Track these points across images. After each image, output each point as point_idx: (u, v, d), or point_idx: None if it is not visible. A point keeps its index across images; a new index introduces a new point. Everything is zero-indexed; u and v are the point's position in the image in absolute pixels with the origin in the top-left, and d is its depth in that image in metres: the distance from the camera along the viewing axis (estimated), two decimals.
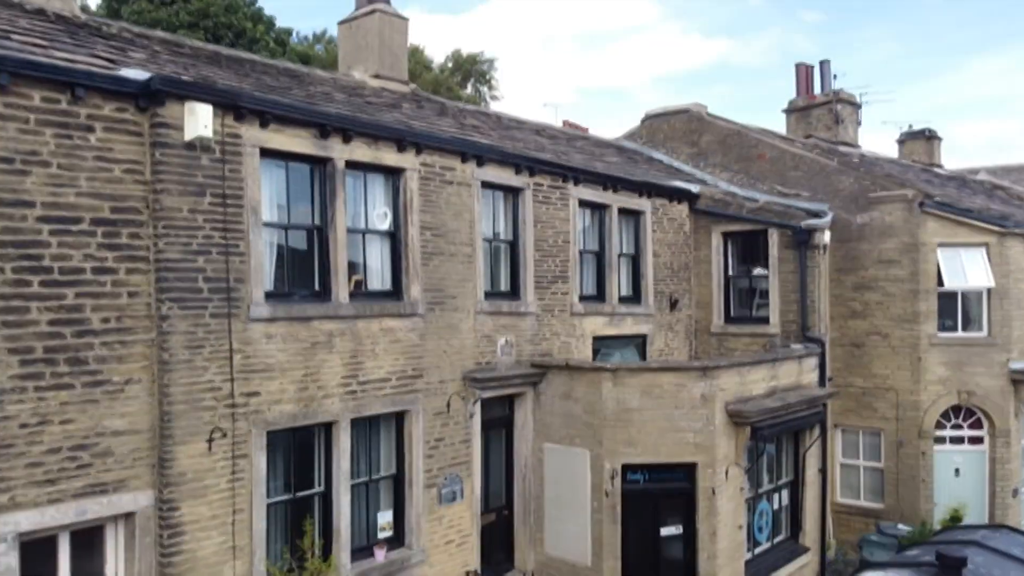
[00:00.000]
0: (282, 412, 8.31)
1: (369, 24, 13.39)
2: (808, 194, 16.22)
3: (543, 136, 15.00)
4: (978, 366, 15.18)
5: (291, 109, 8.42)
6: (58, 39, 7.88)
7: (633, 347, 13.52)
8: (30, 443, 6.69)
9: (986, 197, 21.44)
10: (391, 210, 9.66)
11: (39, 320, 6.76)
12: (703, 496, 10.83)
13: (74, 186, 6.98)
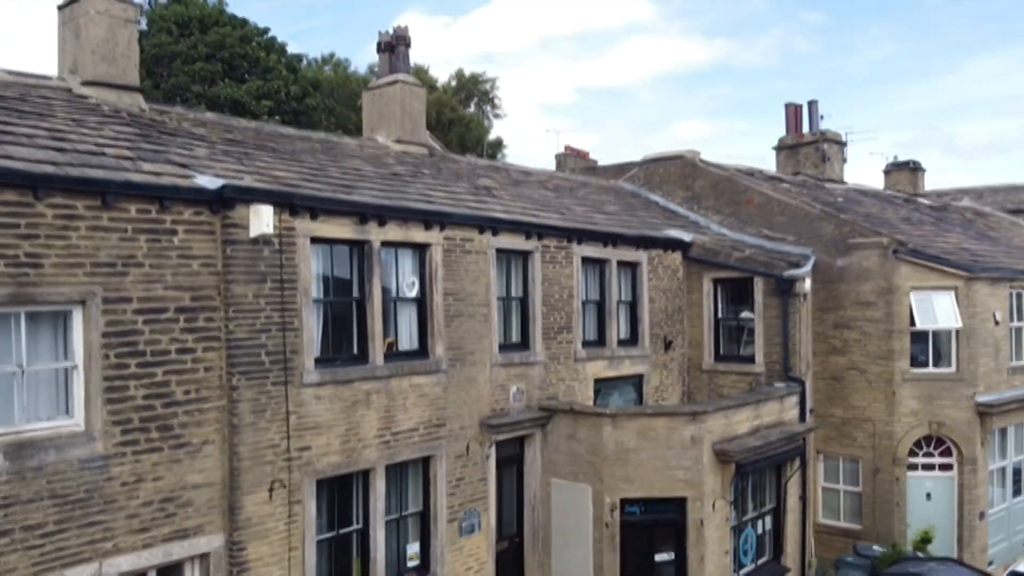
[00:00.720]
0: (329, 463, 9.69)
1: (392, 93, 14.78)
2: (793, 238, 17.62)
3: (548, 188, 16.38)
4: (947, 399, 16.57)
5: (336, 203, 9.80)
6: (139, 146, 9.25)
7: (631, 386, 14.92)
8: (129, 498, 8.07)
9: (963, 230, 22.85)
10: (418, 279, 11.05)
11: (136, 395, 8.14)
12: (693, 526, 12.21)
13: (161, 281, 8.36)
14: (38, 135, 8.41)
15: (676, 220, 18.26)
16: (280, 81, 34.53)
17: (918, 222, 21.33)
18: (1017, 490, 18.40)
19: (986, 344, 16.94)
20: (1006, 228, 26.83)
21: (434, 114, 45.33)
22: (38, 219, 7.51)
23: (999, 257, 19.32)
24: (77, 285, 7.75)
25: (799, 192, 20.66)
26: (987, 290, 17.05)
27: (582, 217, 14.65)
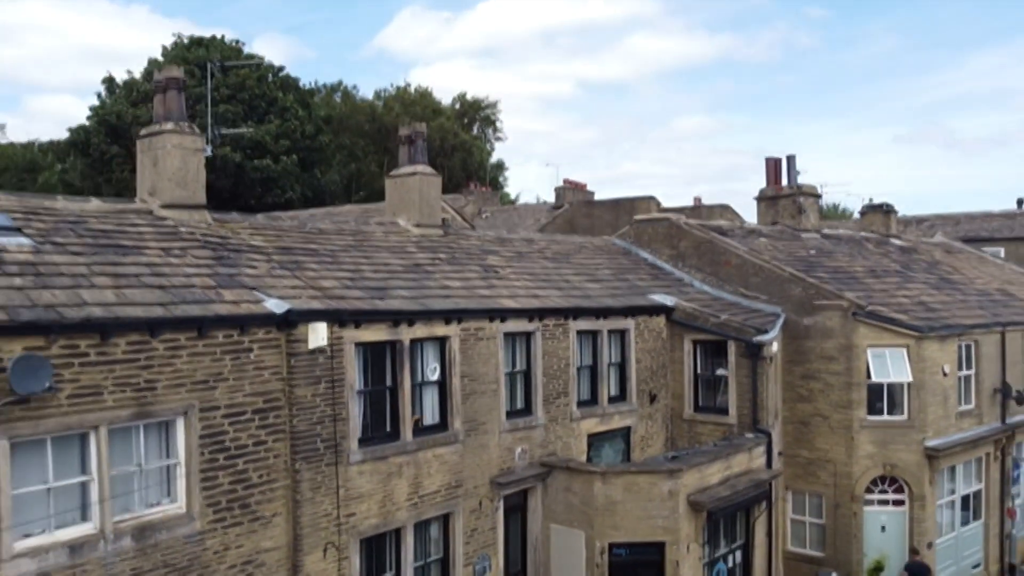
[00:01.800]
0: (369, 524, 11.93)
1: (411, 183, 16.96)
2: (766, 297, 19.85)
3: (547, 258, 18.55)
4: (900, 444, 18.83)
5: (375, 313, 12.02)
6: (217, 271, 11.45)
7: (620, 438, 17.15)
8: (219, 563, 10.31)
9: (927, 276, 24.97)
10: (439, 365, 13.27)
11: (223, 482, 10.37)
12: (670, 566, 14.45)
13: (241, 389, 10.58)
14: (143, 273, 10.61)
15: (662, 278, 20.49)
16: (296, 121, 36.77)
17: (883, 272, 23.48)
18: (965, 520, 20.64)
19: (935, 394, 19.18)
20: (972, 266, 29.01)
21: (438, 140, 47.71)
22: (153, 352, 9.72)
23: (954, 310, 21.49)
24: (180, 400, 9.97)
25: (775, 245, 22.87)
26: (937, 346, 19.27)
27: (578, 292, 16.84)
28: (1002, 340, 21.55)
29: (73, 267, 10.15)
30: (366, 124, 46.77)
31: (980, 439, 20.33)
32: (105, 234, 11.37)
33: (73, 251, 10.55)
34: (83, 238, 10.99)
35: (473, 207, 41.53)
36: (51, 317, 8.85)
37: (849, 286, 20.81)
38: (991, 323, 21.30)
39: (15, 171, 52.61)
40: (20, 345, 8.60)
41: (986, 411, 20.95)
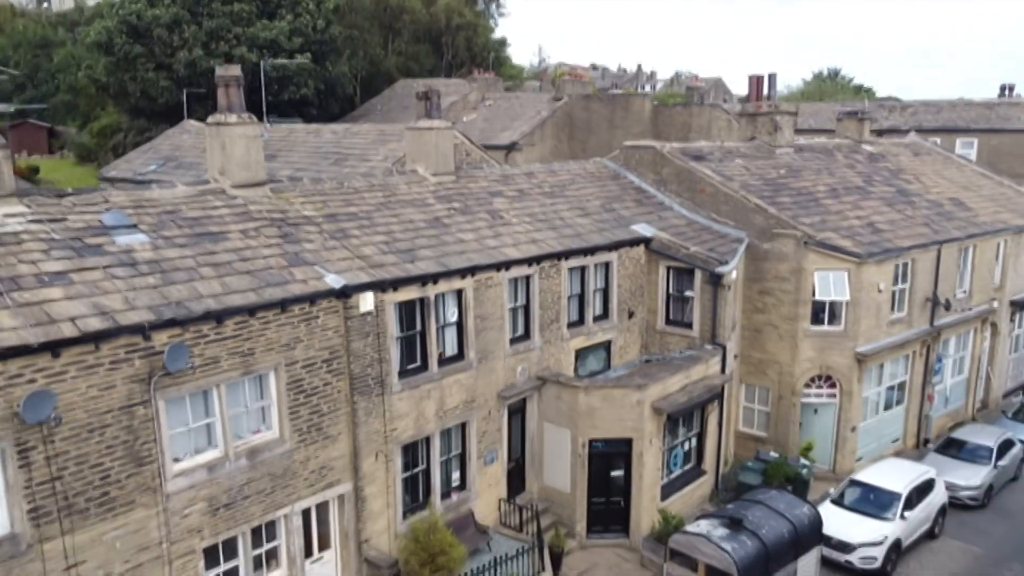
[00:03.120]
0: (407, 435, 15.93)
1: (428, 136, 19.75)
2: (733, 223, 23.07)
3: (545, 193, 21.54)
4: (835, 350, 22.70)
5: (408, 279, 15.39)
6: (285, 249, 14.72)
7: (602, 348, 20.96)
8: (303, 469, 14.32)
9: (885, 187, 27.92)
10: (457, 310, 16.80)
11: (303, 413, 14.17)
12: (636, 456, 18.66)
13: (312, 347, 14.17)
14: (233, 260, 13.91)
15: (646, 203, 23.61)
16: (307, 16, 38.17)
17: (844, 191, 26.44)
18: (888, 404, 24.90)
19: (869, 308, 22.84)
20: (935, 171, 31.84)
21: (444, 20, 48.79)
22: (251, 327, 13.23)
23: (898, 230, 24.66)
24: (271, 359, 13.59)
25: (749, 166, 25.70)
26: (875, 269, 22.71)
27: (570, 231, 20.03)
28: (937, 256, 24.92)
29: (184, 260, 13.45)
30: (371, 5, 47.59)
31: (907, 342, 24.22)
32: (197, 222, 14.56)
33: (179, 243, 13.80)
34: (182, 229, 14.20)
35: (477, 94, 43.49)
36: (183, 313, 12.28)
37: (808, 210, 23.94)
38: (928, 243, 24.57)
39: (28, 47, 53.77)
40: (166, 335, 12.10)
41: (916, 317, 24.69)
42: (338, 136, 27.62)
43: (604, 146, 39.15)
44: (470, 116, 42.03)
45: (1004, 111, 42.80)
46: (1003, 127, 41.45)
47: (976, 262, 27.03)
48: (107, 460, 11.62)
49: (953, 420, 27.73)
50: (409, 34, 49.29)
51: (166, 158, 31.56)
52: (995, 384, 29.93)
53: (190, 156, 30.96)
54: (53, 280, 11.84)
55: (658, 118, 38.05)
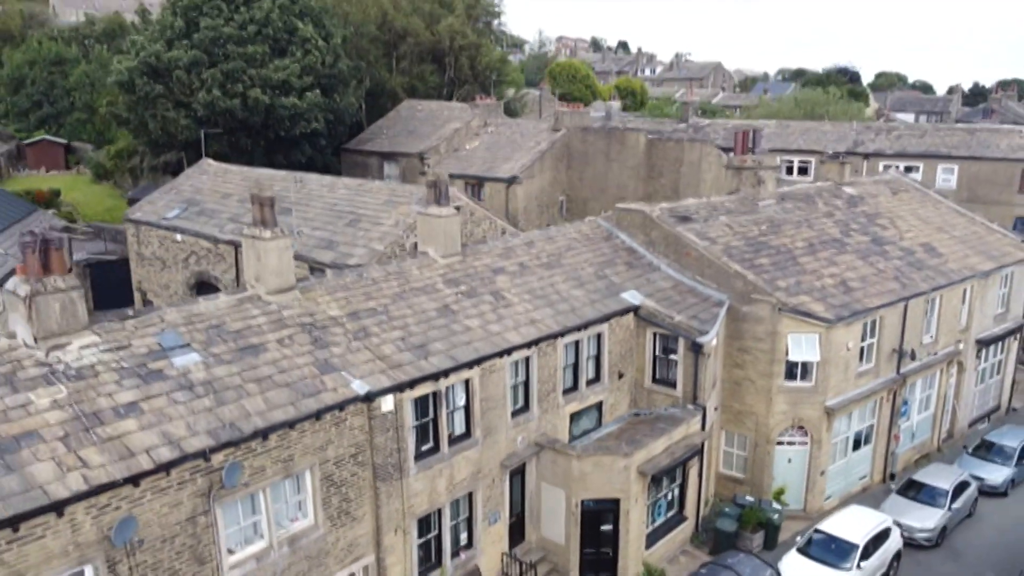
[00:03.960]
0: (421, 509, 18.28)
1: (437, 223, 21.84)
2: (715, 286, 25.22)
3: (543, 264, 23.66)
4: (807, 403, 25.01)
5: (423, 378, 17.62)
6: (316, 355, 16.93)
7: (594, 410, 23.25)
8: (335, 548, 16.68)
9: (861, 236, 29.99)
10: (465, 396, 19.06)
11: (334, 502, 16.50)
12: (623, 513, 21.05)
13: (342, 445, 16.43)
14: (273, 373, 16.12)
15: (636, 264, 25.76)
16: (316, 52, 39.96)
17: (821, 244, 28.53)
18: (856, 446, 27.26)
19: (838, 366, 25.10)
20: (912, 211, 33.87)
21: (447, 40, 50.45)
22: (291, 437, 15.50)
23: (869, 288, 26.78)
24: (307, 461, 15.88)
25: (733, 223, 27.74)
26: (844, 330, 24.92)
27: (566, 306, 22.19)
28: (904, 310, 27.12)
29: (231, 377, 15.67)
30: (376, 29, 49.18)
31: (874, 391, 26.51)
32: (239, 334, 16.76)
33: (226, 359, 16.02)
34: (228, 343, 16.41)
35: (479, 120, 45.29)
36: (236, 435, 14.54)
37: (785, 271, 26.07)
38: (897, 299, 26.74)
39: (43, 64, 55.35)
40: (222, 454, 14.37)
41: (883, 367, 26.96)
42: (351, 192, 29.64)
43: (600, 177, 41.19)
44: (472, 144, 43.91)
45: (984, 137, 44.69)
46: (982, 155, 43.38)
47: (943, 309, 29.22)
48: (176, 563, 13.97)
49: (920, 453, 30.17)
50: (413, 55, 50.91)
51: (188, 202, 33.58)
52: (960, 416, 32.30)
53: (211, 201, 32.99)
54: (127, 412, 14.07)
55: (652, 151, 39.95)
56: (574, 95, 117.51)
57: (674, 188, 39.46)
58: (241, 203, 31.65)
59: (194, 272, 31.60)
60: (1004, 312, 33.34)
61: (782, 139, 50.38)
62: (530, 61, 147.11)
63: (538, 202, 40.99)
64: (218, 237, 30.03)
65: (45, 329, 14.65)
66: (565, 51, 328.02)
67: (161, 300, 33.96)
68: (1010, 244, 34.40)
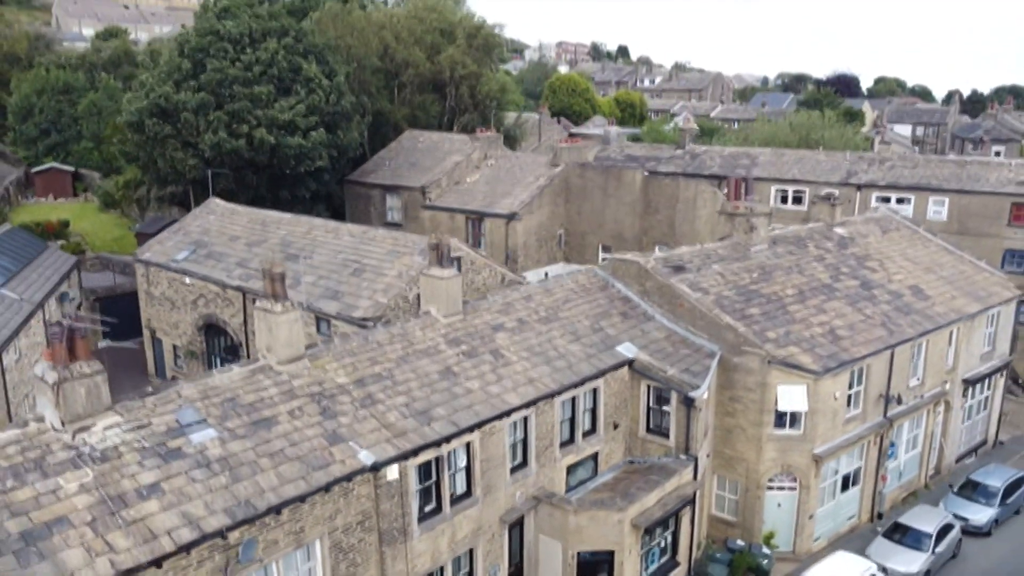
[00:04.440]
0: (425, 569, 19.21)
1: (440, 284, 22.77)
2: (707, 336, 26.15)
3: (541, 318, 24.58)
4: (795, 451, 25.93)
5: (425, 445, 18.56)
6: (324, 426, 17.86)
7: (590, 460, 24.18)
8: None
9: (850, 280, 30.88)
10: (466, 458, 19.99)
11: (342, 567, 17.43)
12: (617, 564, 21.98)
13: (350, 514, 17.36)
14: (285, 447, 17.05)
15: (631, 314, 26.68)
16: (320, 91, 40.89)
17: (811, 291, 29.44)
18: (844, 488, 28.18)
19: (826, 415, 26.02)
20: (901, 251, 34.78)
21: (447, 71, 51.46)
22: (302, 509, 16.43)
23: (856, 335, 27.69)
24: (318, 531, 16.81)
25: (725, 271, 28.65)
26: (831, 381, 25.84)
27: (563, 363, 23.12)
28: (891, 357, 28.04)
29: (246, 452, 16.60)
30: (378, 60, 50.14)
31: (861, 437, 27.43)
32: (253, 407, 17.69)
33: (240, 434, 16.96)
34: (242, 417, 17.35)
35: (479, 153, 46.21)
36: (251, 512, 15.48)
37: (775, 321, 26.98)
38: (883, 347, 27.65)
39: (51, 93, 56.34)
40: (239, 531, 15.30)
41: (870, 412, 27.88)
42: (356, 240, 30.57)
43: (598, 212, 42.14)
44: (473, 177, 44.86)
45: (974, 170, 45.58)
46: (972, 188, 44.26)
47: (929, 353, 30.14)
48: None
49: (907, 491, 31.10)
50: (414, 85, 51.87)
51: (196, 243, 34.53)
52: (948, 452, 33.23)
53: (219, 243, 33.92)
54: (150, 493, 15.01)
55: (648, 188, 40.89)
56: (574, 108, 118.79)
57: (670, 224, 40.40)
58: (248, 247, 32.60)
59: (203, 314, 32.54)
60: (991, 350, 34.26)
61: (777, 168, 51.27)
62: (530, 71, 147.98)
63: (537, 237, 41.92)
64: (226, 282, 30.97)
65: (71, 413, 15.58)
66: (565, 56, 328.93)
67: (170, 339, 34.92)
68: (997, 283, 35.31)
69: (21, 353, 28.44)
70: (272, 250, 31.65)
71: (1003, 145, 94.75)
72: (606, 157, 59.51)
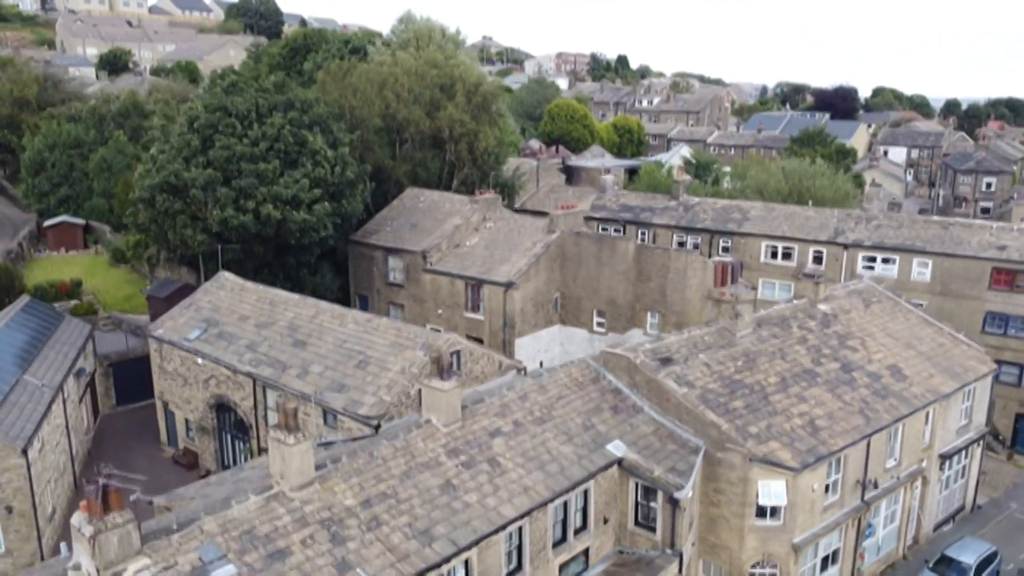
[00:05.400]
0: None
1: (440, 395, 24.30)
2: (693, 431, 27.71)
3: (535, 419, 26.14)
4: (775, 541, 27.49)
5: (428, 568, 20.10)
6: (335, 553, 19.42)
7: (582, 555, 25.73)
8: None
9: (832, 363, 32.43)
10: (464, 571, 21.52)
11: None
12: None
13: None
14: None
15: (622, 408, 28.25)
16: (325, 164, 42.49)
17: (792, 379, 30.98)
18: (824, 567, 29.73)
19: (804, 507, 27.60)
20: (882, 325, 36.31)
21: (447, 129, 53.15)
22: None
23: (835, 425, 29.25)
24: None
25: (710, 361, 30.19)
26: (810, 474, 27.40)
27: (555, 467, 24.68)
28: (868, 445, 29.59)
29: None
30: (380, 121, 51.79)
31: (839, 523, 28.99)
32: (268, 539, 19.25)
33: (258, 568, 18.52)
34: (258, 550, 18.91)
35: (479, 216, 47.79)
36: None
37: (757, 414, 28.53)
38: (860, 438, 29.20)
39: (62, 147, 57.99)
40: None
41: (848, 498, 29.43)
42: (360, 329, 32.12)
43: (593, 279, 43.72)
44: (472, 240, 46.44)
45: (957, 233, 47.15)
46: (955, 251, 45.85)
47: (906, 434, 31.70)
48: None
49: (886, 563, 32.66)
50: (415, 142, 53.48)
51: (207, 321, 36.10)
52: (926, 523, 34.79)
53: (229, 322, 35.48)
54: None
55: (641, 257, 42.46)
56: (572, 135, 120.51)
57: (661, 292, 41.97)
58: (258, 329, 34.18)
59: (214, 394, 34.13)
60: (967, 423, 35.82)
61: (767, 224, 52.88)
62: (529, 92, 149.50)
63: (534, 302, 43.50)
64: (237, 368, 32.54)
65: (106, 560, 17.14)
66: (565, 67, 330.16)
67: (183, 412, 36.50)
68: (974, 357, 36.88)
69: (44, 442, 30.01)
70: (281, 333, 33.22)
71: (994, 177, 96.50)
72: (603, 206, 61.22)
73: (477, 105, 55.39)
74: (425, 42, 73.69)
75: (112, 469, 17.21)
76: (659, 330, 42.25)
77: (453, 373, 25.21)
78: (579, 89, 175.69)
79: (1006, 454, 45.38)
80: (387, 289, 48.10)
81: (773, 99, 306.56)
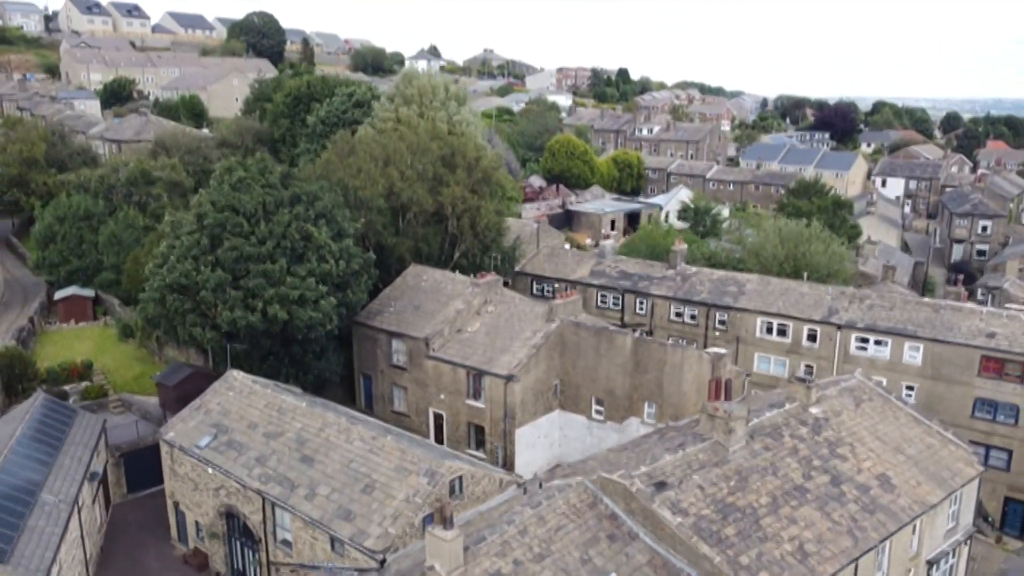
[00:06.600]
0: None
1: (443, 544, 25.41)
2: (687, 561, 28.77)
3: (535, 556, 27.23)
4: None
5: None
6: None
7: None
8: None
9: (822, 475, 33.52)
10: None
11: None
12: None
13: None
14: None
15: (618, 536, 29.33)
16: (330, 259, 43.60)
17: (783, 497, 32.02)
18: None
19: None
20: (872, 427, 37.39)
21: (449, 207, 54.30)
22: None
23: (824, 549, 30.28)
24: None
25: (704, 481, 31.25)
26: None
27: None
28: (855, 567, 30.65)
29: None
30: (383, 201, 53.02)
31: None
32: None
33: None
34: None
35: (480, 299, 48.95)
36: None
37: (748, 540, 29.59)
38: (848, 562, 30.25)
39: (72, 220, 59.22)
40: None
41: None
42: (366, 448, 33.19)
43: (591, 368, 44.83)
44: (474, 326, 47.57)
45: (948, 317, 48.22)
46: (945, 337, 46.91)
47: (893, 547, 32.77)
48: None
49: None
50: (417, 220, 54.69)
51: (216, 426, 37.21)
52: None
53: (238, 429, 36.59)
54: None
55: (638, 350, 43.56)
56: (572, 171, 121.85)
57: (658, 384, 43.06)
58: (266, 439, 35.30)
59: (224, 503, 35.25)
60: (954, 526, 36.89)
61: (763, 298, 53.98)
62: (531, 123, 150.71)
63: (534, 392, 44.61)
64: (246, 483, 33.66)
65: None
66: (566, 82, 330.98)
67: (193, 515, 37.64)
68: (961, 459, 37.96)
69: (61, 564, 31.16)
70: (289, 447, 34.35)
71: (990, 220, 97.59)
72: (602, 272, 62.44)
73: (478, 179, 56.59)
74: (428, 98, 75.03)
75: None
76: (656, 420, 43.35)
77: (453, 522, 26.29)
78: (579, 116, 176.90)
79: (995, 536, 46.43)
80: (391, 371, 49.22)
81: (773, 114, 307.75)
